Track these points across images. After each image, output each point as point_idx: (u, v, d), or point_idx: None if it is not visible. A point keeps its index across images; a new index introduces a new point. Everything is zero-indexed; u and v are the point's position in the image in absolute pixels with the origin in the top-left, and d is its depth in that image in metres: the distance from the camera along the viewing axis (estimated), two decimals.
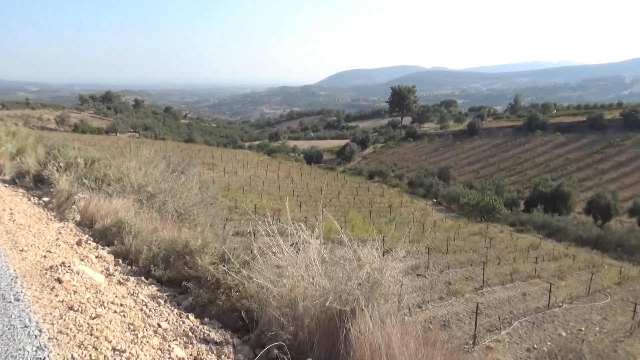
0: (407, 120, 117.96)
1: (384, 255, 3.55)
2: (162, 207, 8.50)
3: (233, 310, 3.97)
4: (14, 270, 4.16)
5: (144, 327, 3.37)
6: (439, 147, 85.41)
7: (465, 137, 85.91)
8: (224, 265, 4.33)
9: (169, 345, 3.12)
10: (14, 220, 6.40)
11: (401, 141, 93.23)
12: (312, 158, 78.34)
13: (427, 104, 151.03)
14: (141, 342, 3.06)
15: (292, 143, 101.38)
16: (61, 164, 10.10)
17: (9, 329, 3.02)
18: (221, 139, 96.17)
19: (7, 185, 10.22)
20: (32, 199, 8.85)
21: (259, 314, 3.61)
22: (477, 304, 11.88)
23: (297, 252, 3.72)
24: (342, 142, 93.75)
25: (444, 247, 22.10)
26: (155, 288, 4.66)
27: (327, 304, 3.22)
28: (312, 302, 3.29)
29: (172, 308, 4.06)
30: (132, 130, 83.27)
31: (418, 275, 15.97)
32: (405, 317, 3.59)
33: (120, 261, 5.47)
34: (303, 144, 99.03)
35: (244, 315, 3.83)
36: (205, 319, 3.96)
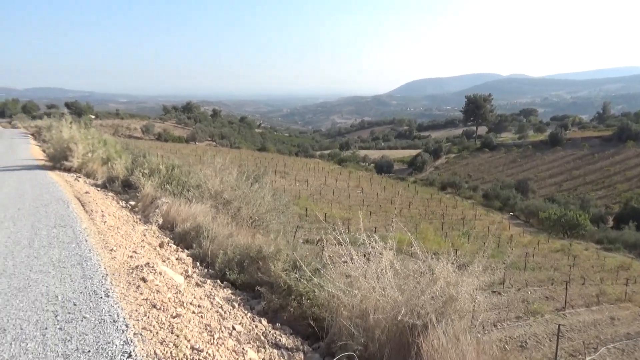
0: (482, 130, 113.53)
1: (458, 270, 3.43)
2: (237, 213, 8.81)
3: (304, 318, 4.02)
4: (105, 268, 4.49)
5: (220, 328, 3.50)
6: (516, 158, 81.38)
7: (547, 148, 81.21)
8: (295, 273, 4.40)
9: (243, 348, 3.21)
10: (105, 221, 6.92)
11: (476, 151, 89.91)
12: (383, 168, 77.75)
13: (504, 113, 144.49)
14: (217, 343, 3.18)
15: (362, 152, 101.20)
16: (146, 170, 10.80)
17: (99, 322, 3.26)
18: (293, 148, 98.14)
19: (99, 189, 11.09)
20: (120, 202, 9.52)
21: (330, 322, 3.62)
22: (559, 325, 11.11)
23: (368, 262, 3.70)
24: (414, 152, 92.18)
25: (521, 264, 20.96)
26: (229, 291, 4.83)
27: (399, 317, 3.17)
28: (384, 314, 3.25)
29: (246, 312, 4.18)
30: (209, 138, 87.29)
31: (493, 292, 15.25)
32: (479, 335, 3.43)
33: (198, 264, 5.73)
34: (373, 154, 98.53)
35: (313, 323, 3.86)
36: (277, 324, 4.04)
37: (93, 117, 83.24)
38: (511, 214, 47.56)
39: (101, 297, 3.73)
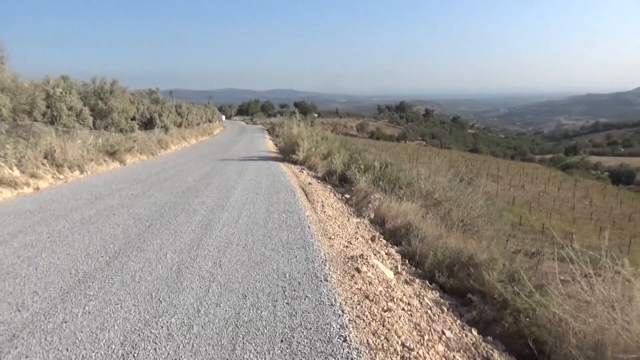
0: None
1: None
2: (447, 215, 8.60)
3: (520, 336, 3.67)
4: (324, 255, 4.88)
5: (429, 330, 3.44)
6: None
7: None
8: (512, 285, 4.06)
9: (453, 356, 3.09)
10: (325, 211, 7.54)
11: None
12: (620, 178, 66.17)
13: None
14: (427, 345, 3.13)
15: (594, 159, 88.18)
16: (361, 166, 11.41)
17: (319, 304, 3.55)
18: (508, 151, 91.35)
19: (319, 181, 12.16)
20: (336, 194, 10.25)
21: (553, 348, 3.22)
22: None
23: (608, 288, 3.15)
24: None
25: None
26: (437, 294, 4.72)
27: None
28: (626, 354, 2.73)
29: (455, 318, 4.03)
30: (420, 138, 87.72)
31: None
32: None
33: (407, 261, 5.77)
34: (609, 161, 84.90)
35: (531, 344, 3.49)
36: (489, 337, 3.78)
37: (316, 115, 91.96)
38: None
39: (321, 281, 4.06)
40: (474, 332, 3.80)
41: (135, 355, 2.75)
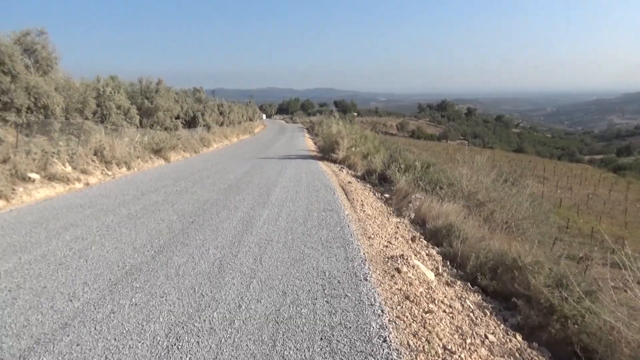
0: None
1: None
2: (490, 217, 8.38)
3: (567, 343, 3.53)
4: (363, 254, 4.86)
5: (472, 334, 3.36)
6: None
7: None
8: (560, 291, 3.90)
9: None
10: (364, 210, 7.50)
11: None
12: None
13: None
14: (469, 348, 3.06)
15: None
16: (401, 166, 11.29)
17: (359, 303, 3.54)
18: (555, 151, 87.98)
19: (358, 180, 12.11)
20: (376, 194, 10.18)
21: (603, 357, 3.08)
22: None
23: None
24: None
25: None
26: (479, 297, 4.61)
27: None
28: None
29: (498, 322, 3.92)
30: (461, 137, 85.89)
31: None
32: None
33: (448, 263, 5.66)
34: None
35: (580, 352, 3.35)
36: (534, 343, 3.66)
37: (355, 114, 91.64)
38: None
39: (360, 280, 4.04)
40: (519, 337, 3.68)
41: (179, 347, 2.83)
